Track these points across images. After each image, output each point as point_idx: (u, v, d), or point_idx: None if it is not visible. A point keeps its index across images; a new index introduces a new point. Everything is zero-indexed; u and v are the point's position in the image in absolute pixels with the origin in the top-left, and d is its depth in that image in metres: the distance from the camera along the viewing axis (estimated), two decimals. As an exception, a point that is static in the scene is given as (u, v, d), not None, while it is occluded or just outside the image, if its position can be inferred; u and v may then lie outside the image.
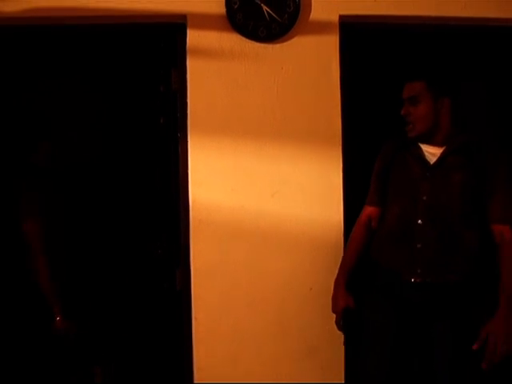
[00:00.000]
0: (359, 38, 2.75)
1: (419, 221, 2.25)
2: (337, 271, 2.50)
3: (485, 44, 3.03)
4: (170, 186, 2.74)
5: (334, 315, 2.44)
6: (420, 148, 2.34)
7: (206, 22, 2.62)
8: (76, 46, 2.76)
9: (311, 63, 2.66)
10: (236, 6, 2.60)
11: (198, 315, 2.63)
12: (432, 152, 2.31)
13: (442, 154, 2.27)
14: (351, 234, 2.51)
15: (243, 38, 2.62)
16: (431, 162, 2.29)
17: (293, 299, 2.29)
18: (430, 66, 2.34)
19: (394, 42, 2.84)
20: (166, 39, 2.74)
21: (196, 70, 2.63)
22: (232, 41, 2.63)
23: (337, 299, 2.42)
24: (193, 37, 2.63)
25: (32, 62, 2.79)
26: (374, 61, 2.87)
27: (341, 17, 2.66)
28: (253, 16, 2.60)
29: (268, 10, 2.62)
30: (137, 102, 2.78)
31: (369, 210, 2.50)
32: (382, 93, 2.74)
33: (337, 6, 2.66)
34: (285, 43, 2.65)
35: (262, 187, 2.64)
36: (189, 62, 2.63)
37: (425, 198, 2.26)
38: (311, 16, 2.66)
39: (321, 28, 2.65)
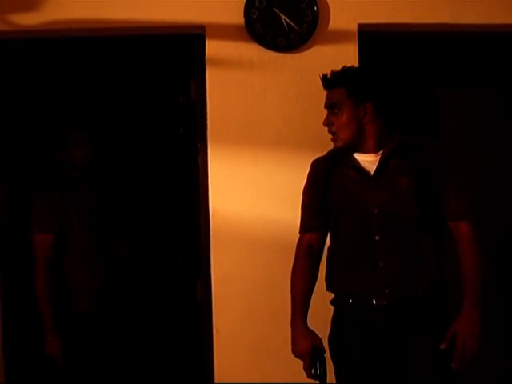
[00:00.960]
0: (378, 47, 2.75)
1: (376, 237, 2.07)
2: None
3: (504, 51, 3.02)
4: (190, 196, 2.75)
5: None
6: (355, 159, 2.15)
7: (224, 32, 2.62)
8: (96, 57, 2.77)
9: (330, 72, 2.65)
10: (255, 16, 2.60)
11: (219, 326, 2.62)
12: (369, 160, 2.13)
13: (380, 159, 2.11)
14: (293, 268, 2.20)
15: (262, 48, 2.63)
16: (371, 171, 2.11)
17: (314, 309, 2.25)
18: (348, 73, 2.15)
19: (413, 50, 2.84)
20: (184, 50, 2.76)
21: (215, 80, 2.64)
22: (251, 51, 2.63)
23: (298, 341, 2.09)
24: (212, 47, 2.63)
25: (51, 73, 2.81)
26: (393, 68, 2.86)
27: (360, 25, 2.66)
28: (271, 26, 2.60)
29: (287, 19, 2.62)
30: (156, 113, 2.79)
31: (308, 237, 2.21)
32: (402, 101, 2.73)
33: (355, 15, 2.66)
34: (304, 53, 2.65)
35: (281, 197, 2.63)
36: (208, 73, 2.64)
37: (376, 210, 2.07)
38: (330, 25, 2.66)
39: (340, 37, 2.65)
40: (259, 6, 2.60)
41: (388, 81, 2.24)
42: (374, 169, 2.10)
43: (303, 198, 2.27)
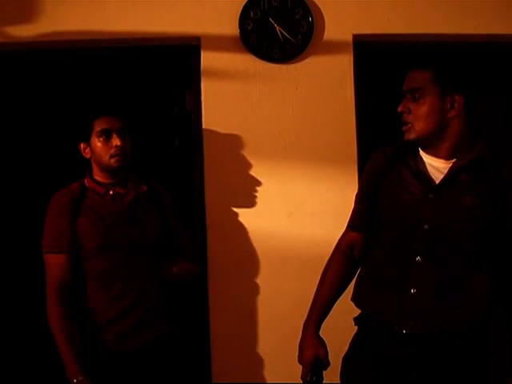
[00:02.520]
0: (373, 57, 2.75)
1: (417, 257, 1.76)
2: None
3: (499, 60, 3.02)
4: (185, 209, 2.72)
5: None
6: (422, 160, 1.85)
7: (219, 43, 2.63)
8: (91, 69, 2.76)
9: (326, 83, 2.65)
10: (250, 28, 2.61)
11: (215, 338, 2.62)
12: (436, 166, 1.82)
13: (450, 169, 1.78)
14: (326, 265, 1.99)
15: (257, 59, 2.63)
16: (436, 180, 1.80)
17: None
18: (440, 56, 1.85)
19: (408, 60, 2.84)
20: (180, 61, 2.75)
21: (210, 92, 2.64)
22: (246, 62, 2.63)
23: (304, 348, 1.91)
24: (207, 58, 2.64)
25: (46, 85, 2.79)
26: (389, 79, 2.86)
27: (354, 36, 2.67)
28: (267, 37, 2.61)
29: (282, 30, 2.62)
30: (152, 124, 2.77)
31: (350, 236, 1.99)
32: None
33: (350, 25, 2.67)
34: (299, 63, 2.65)
35: (277, 208, 2.63)
36: (203, 84, 2.64)
37: (426, 226, 1.77)
38: (325, 36, 2.66)
39: (335, 47, 2.66)
40: (254, 17, 2.61)
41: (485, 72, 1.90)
42: (439, 178, 1.80)
43: (357, 190, 2.04)
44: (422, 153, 1.86)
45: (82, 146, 2.19)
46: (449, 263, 1.76)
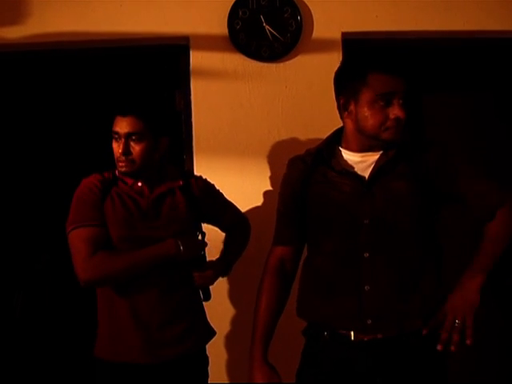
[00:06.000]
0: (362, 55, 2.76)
1: (365, 253, 1.72)
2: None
3: (487, 55, 3.04)
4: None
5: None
6: (342, 158, 1.82)
7: (208, 43, 2.64)
8: (80, 70, 2.77)
9: (315, 81, 2.66)
10: (238, 27, 2.61)
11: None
12: (355, 160, 1.81)
13: (378, 161, 1.77)
14: (259, 286, 1.89)
15: (246, 58, 2.64)
16: (362, 173, 1.78)
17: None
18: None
19: (397, 57, 2.85)
20: (169, 61, 2.75)
21: (200, 91, 2.65)
22: (235, 61, 2.64)
23: (254, 376, 1.79)
24: (196, 58, 2.65)
25: (34, 86, 2.79)
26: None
27: (343, 34, 2.68)
28: (255, 36, 2.61)
29: (270, 29, 2.63)
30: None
31: (279, 251, 1.91)
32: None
33: (339, 24, 2.68)
34: (288, 62, 2.66)
35: (268, 207, 2.63)
36: (192, 83, 2.65)
37: (367, 221, 1.73)
38: (314, 34, 2.67)
39: (323, 45, 2.67)
40: (243, 16, 2.62)
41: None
42: (362, 170, 1.78)
43: (278, 204, 1.96)
44: (343, 150, 1.84)
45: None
46: (397, 254, 1.73)
